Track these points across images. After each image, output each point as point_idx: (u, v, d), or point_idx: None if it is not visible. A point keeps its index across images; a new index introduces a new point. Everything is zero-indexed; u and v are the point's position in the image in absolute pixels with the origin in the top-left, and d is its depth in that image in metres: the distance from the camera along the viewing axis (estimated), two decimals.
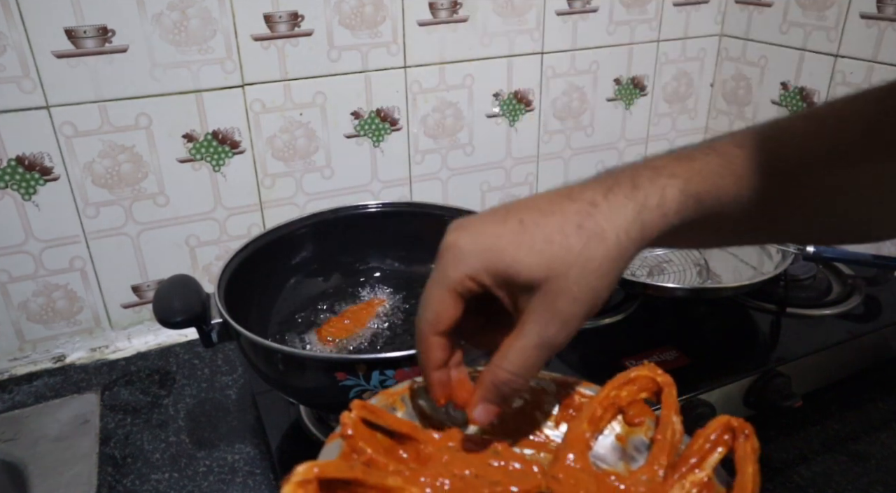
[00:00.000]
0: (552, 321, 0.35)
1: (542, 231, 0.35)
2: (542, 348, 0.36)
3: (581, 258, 0.34)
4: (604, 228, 0.35)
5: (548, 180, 1.08)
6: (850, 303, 0.82)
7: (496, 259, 0.35)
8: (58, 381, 0.79)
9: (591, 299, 0.35)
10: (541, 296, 0.35)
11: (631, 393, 0.41)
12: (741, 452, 0.36)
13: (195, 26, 0.77)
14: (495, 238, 0.35)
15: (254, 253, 0.69)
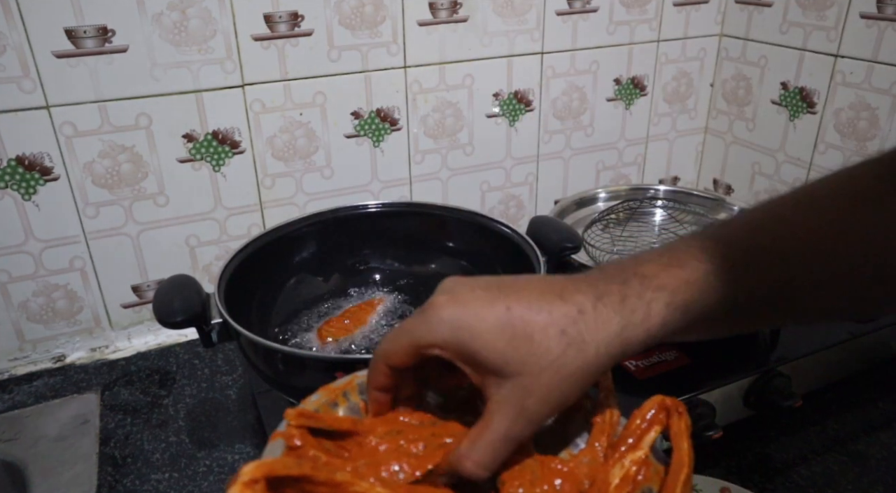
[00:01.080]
0: (520, 418, 0.35)
1: (524, 327, 0.35)
2: (508, 442, 0.36)
3: (556, 364, 0.35)
4: (585, 339, 0.35)
5: (548, 180, 1.08)
6: None
7: (469, 340, 0.35)
8: (58, 381, 0.79)
9: (559, 402, 0.36)
10: (510, 390, 0.35)
11: None
12: (675, 429, 0.37)
13: (195, 26, 0.77)
14: (477, 320, 0.35)
15: (254, 253, 0.69)
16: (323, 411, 0.40)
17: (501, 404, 0.35)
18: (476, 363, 0.36)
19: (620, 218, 0.95)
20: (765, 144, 1.09)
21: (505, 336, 0.35)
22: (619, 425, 0.40)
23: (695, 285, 0.37)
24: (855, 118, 0.94)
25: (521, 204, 1.08)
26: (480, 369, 0.36)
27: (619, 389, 0.70)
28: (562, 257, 0.69)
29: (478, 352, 0.35)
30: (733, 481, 0.59)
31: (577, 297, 0.36)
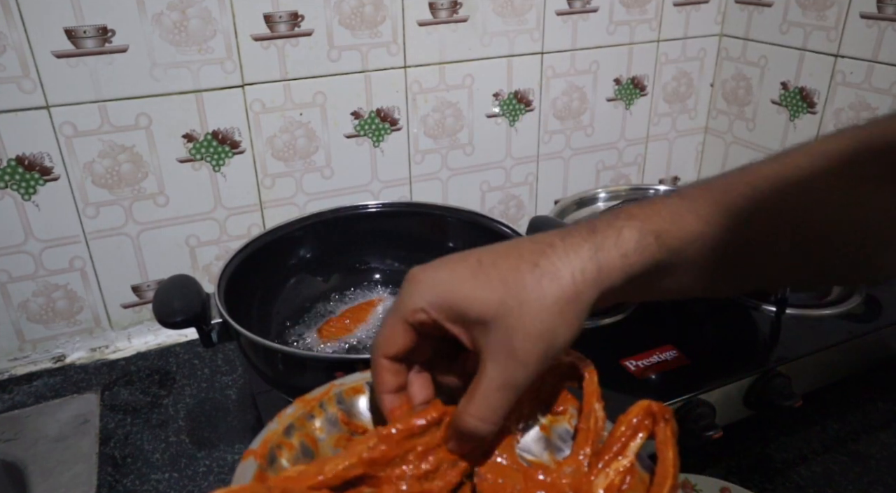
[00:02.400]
0: (510, 361, 0.35)
1: (497, 270, 0.35)
2: (505, 390, 0.35)
3: (534, 295, 0.34)
4: (558, 267, 0.35)
5: (548, 180, 1.08)
6: (850, 303, 0.81)
7: (449, 294, 0.35)
8: (58, 381, 0.79)
9: (547, 337, 0.35)
10: (495, 333, 0.35)
11: (553, 382, 0.41)
12: (661, 436, 0.36)
13: (195, 26, 0.77)
14: (451, 274, 0.36)
15: (254, 253, 0.69)
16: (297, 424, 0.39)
17: (491, 352, 0.35)
18: (461, 317, 0.36)
19: None
20: (765, 144, 1.09)
21: (480, 283, 0.35)
22: (605, 430, 0.39)
23: (667, 216, 0.36)
24: (855, 118, 0.94)
25: (521, 204, 1.08)
26: (467, 324, 0.36)
27: (618, 389, 0.70)
28: None
29: (459, 303, 0.35)
30: (733, 481, 0.59)
31: (545, 237, 0.36)
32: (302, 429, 0.39)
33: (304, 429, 0.39)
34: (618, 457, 0.37)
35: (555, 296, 0.34)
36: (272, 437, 0.38)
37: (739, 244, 0.37)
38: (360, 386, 0.42)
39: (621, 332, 0.79)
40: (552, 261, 0.35)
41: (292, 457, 0.38)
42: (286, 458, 0.38)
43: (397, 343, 0.37)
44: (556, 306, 0.34)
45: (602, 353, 0.76)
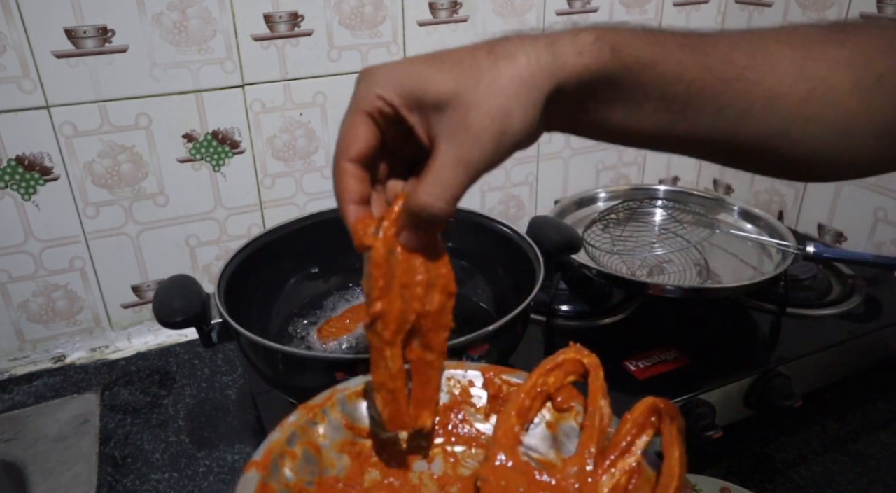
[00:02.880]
0: (465, 137, 0.34)
1: (453, 56, 0.35)
2: (458, 165, 0.35)
3: (490, 74, 0.34)
4: (513, 52, 0.35)
5: (548, 180, 1.08)
6: (850, 303, 0.82)
7: (406, 78, 0.35)
8: (58, 381, 0.79)
9: (502, 117, 0.34)
10: (451, 113, 0.35)
11: (558, 378, 0.41)
12: (667, 435, 0.36)
13: (195, 26, 0.77)
14: (408, 64, 0.36)
15: (254, 253, 0.69)
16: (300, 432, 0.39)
17: (446, 132, 0.35)
18: (418, 102, 0.35)
19: (620, 218, 0.95)
20: None
21: (436, 67, 0.35)
22: (611, 428, 0.39)
23: (626, 35, 0.36)
24: None
25: (521, 204, 1.08)
26: (424, 110, 0.36)
27: (619, 389, 0.70)
28: (562, 257, 0.69)
29: (416, 87, 0.35)
30: (733, 481, 0.59)
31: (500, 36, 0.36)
32: (304, 437, 0.39)
33: (306, 437, 0.39)
34: (624, 456, 0.37)
35: (510, 75, 0.34)
36: (274, 447, 0.38)
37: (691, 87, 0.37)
38: (363, 390, 0.42)
39: (622, 332, 0.79)
40: (507, 48, 0.35)
41: (295, 466, 0.38)
42: (289, 467, 0.38)
43: (360, 140, 0.36)
44: (511, 86, 0.34)
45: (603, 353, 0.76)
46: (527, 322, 0.61)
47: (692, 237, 0.89)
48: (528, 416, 0.41)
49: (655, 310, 0.83)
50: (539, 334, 0.78)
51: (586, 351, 0.41)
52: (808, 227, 1.04)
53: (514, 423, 0.40)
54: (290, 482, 0.38)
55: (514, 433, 0.40)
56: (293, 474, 0.38)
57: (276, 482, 0.37)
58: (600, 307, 0.82)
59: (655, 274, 0.85)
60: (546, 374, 0.41)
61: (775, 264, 0.82)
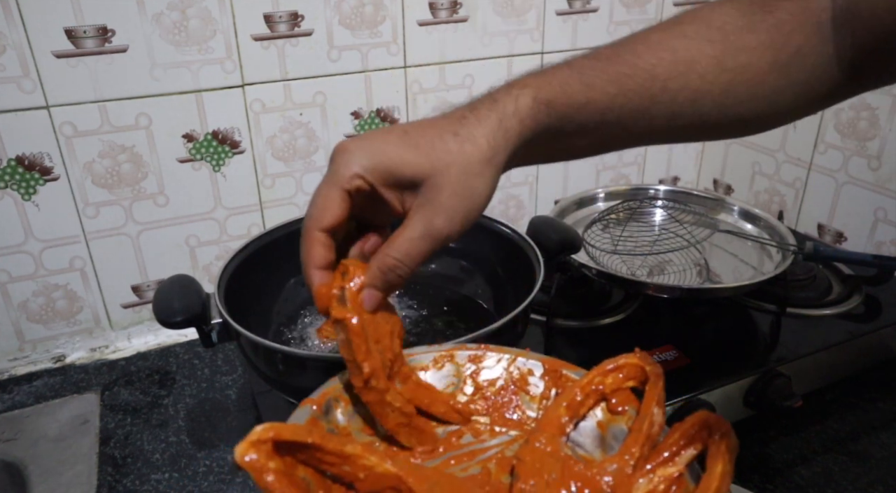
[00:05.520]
0: (437, 213, 0.39)
1: (424, 138, 0.40)
2: (427, 239, 0.40)
3: (460, 158, 0.39)
4: (474, 134, 0.40)
5: (548, 180, 1.08)
6: (850, 303, 0.82)
7: (384, 158, 0.39)
8: (58, 381, 0.79)
9: (469, 195, 0.40)
10: (425, 191, 0.39)
11: (616, 381, 0.41)
12: (713, 449, 0.36)
13: (195, 26, 0.77)
14: (383, 143, 0.40)
15: (254, 253, 0.69)
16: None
17: (419, 207, 0.40)
18: (395, 181, 0.39)
19: (620, 218, 0.95)
20: (765, 144, 1.09)
21: (410, 149, 0.39)
22: (660, 436, 0.38)
23: (557, 85, 0.41)
24: (855, 118, 0.94)
25: (521, 204, 1.08)
26: (400, 187, 0.40)
27: None
28: (562, 257, 0.69)
29: (393, 168, 0.39)
30: (733, 481, 0.59)
31: (456, 111, 0.42)
32: None
33: None
34: (666, 464, 0.37)
35: (476, 159, 0.39)
36: (331, 390, 0.41)
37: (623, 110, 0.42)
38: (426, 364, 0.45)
39: (621, 332, 0.79)
40: (468, 129, 0.40)
41: (347, 411, 0.41)
42: (341, 411, 0.40)
43: (334, 213, 0.39)
44: (477, 167, 0.39)
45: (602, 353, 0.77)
46: (527, 322, 0.61)
47: (692, 237, 0.89)
48: (579, 411, 0.41)
49: (655, 310, 0.83)
50: (539, 334, 0.78)
51: (651, 359, 0.41)
52: (808, 227, 1.04)
53: (562, 414, 0.40)
54: (341, 425, 0.40)
55: (559, 423, 0.40)
56: (345, 418, 0.40)
57: (327, 422, 0.39)
58: (600, 307, 0.82)
59: (655, 274, 0.85)
60: (605, 374, 0.41)
61: (775, 264, 0.82)
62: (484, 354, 0.46)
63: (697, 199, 0.98)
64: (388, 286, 0.41)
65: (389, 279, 0.40)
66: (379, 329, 0.42)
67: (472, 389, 0.45)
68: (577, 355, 0.75)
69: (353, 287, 0.40)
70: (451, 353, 0.46)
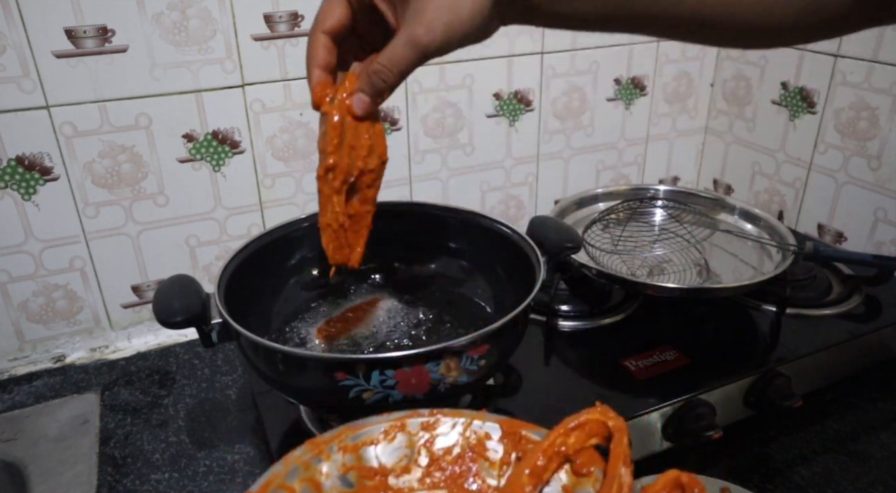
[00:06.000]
0: (418, 23, 0.42)
1: None
2: (409, 46, 0.43)
3: None
4: None
5: (548, 180, 1.08)
6: (850, 303, 0.82)
7: None
8: (58, 381, 0.79)
9: (452, 7, 0.41)
10: (412, 2, 0.42)
11: (580, 440, 0.39)
12: None
13: (195, 26, 0.77)
14: None
15: (254, 253, 0.69)
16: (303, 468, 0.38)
17: (406, 19, 0.42)
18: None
19: (620, 218, 0.95)
20: (765, 144, 1.09)
21: None
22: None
23: None
24: (855, 118, 0.94)
25: (521, 204, 1.08)
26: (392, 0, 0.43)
27: (619, 389, 0.70)
28: (562, 257, 0.68)
29: None
30: (733, 481, 0.59)
31: None
32: (306, 473, 0.39)
33: (308, 473, 0.39)
34: None
35: None
36: (274, 479, 0.38)
37: None
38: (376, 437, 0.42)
39: (621, 332, 0.79)
40: None
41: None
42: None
43: (334, 16, 0.44)
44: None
45: (602, 353, 0.77)
46: (527, 322, 0.61)
47: (692, 237, 0.89)
48: (543, 477, 0.38)
49: (655, 310, 0.83)
50: (539, 334, 0.78)
51: (612, 413, 0.39)
52: (808, 227, 1.04)
53: (525, 482, 0.38)
54: None
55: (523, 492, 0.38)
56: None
57: None
58: (600, 307, 0.82)
59: (655, 274, 0.85)
60: (567, 433, 0.39)
61: (775, 264, 0.82)
62: (437, 420, 0.43)
63: (697, 199, 0.98)
64: (375, 90, 0.46)
65: (375, 83, 0.45)
66: (359, 137, 0.48)
67: (427, 459, 0.42)
68: (578, 356, 0.75)
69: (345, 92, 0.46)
70: (401, 422, 0.43)
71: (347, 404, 0.53)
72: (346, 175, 0.50)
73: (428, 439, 0.43)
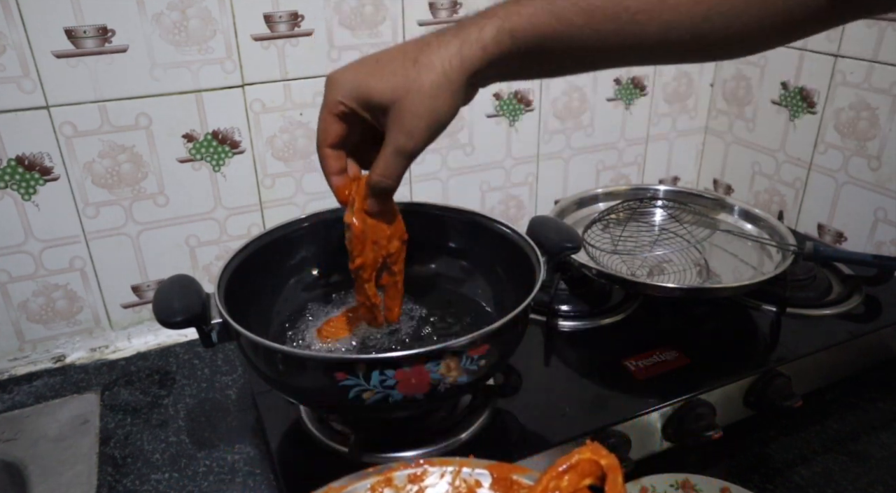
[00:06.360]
0: (401, 133, 0.47)
1: (390, 66, 0.47)
2: (397, 155, 0.49)
3: (416, 84, 0.46)
4: (432, 60, 0.46)
5: (548, 180, 1.08)
6: (850, 303, 0.82)
7: (358, 86, 0.48)
8: (58, 381, 0.79)
9: (428, 114, 0.47)
10: (392, 114, 0.47)
11: (573, 481, 0.37)
12: None
13: (195, 26, 0.77)
14: (357, 74, 0.49)
15: (254, 253, 0.69)
16: None
17: (389, 129, 0.48)
18: (368, 105, 0.48)
19: (620, 218, 0.95)
20: (765, 144, 1.09)
21: (378, 77, 0.47)
22: None
23: (525, 16, 0.45)
24: (855, 118, 0.94)
25: (521, 204, 1.08)
26: (373, 110, 0.48)
27: (619, 389, 0.70)
28: (562, 257, 0.68)
29: (365, 94, 0.48)
30: (733, 481, 0.59)
31: (425, 37, 0.47)
32: None
33: None
34: None
35: (430, 82, 0.46)
36: None
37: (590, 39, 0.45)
38: None
39: (622, 332, 0.79)
40: (427, 56, 0.46)
41: None
42: None
43: (331, 133, 0.51)
44: (432, 91, 0.46)
45: (603, 353, 0.77)
46: (527, 322, 0.61)
47: (692, 237, 0.89)
48: None
49: (655, 310, 0.83)
50: (539, 334, 0.78)
51: (604, 451, 0.37)
52: (808, 227, 1.04)
53: None
54: None
55: None
56: None
57: None
58: (600, 307, 0.82)
59: (655, 274, 0.85)
60: (559, 476, 0.37)
61: (775, 264, 0.82)
62: (424, 471, 0.43)
63: (697, 199, 0.98)
64: (381, 194, 0.53)
65: (379, 190, 0.52)
66: (378, 232, 0.56)
67: None
68: (578, 356, 0.75)
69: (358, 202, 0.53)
70: (387, 477, 0.43)
71: (347, 405, 0.53)
72: (372, 268, 0.58)
73: (416, 492, 0.43)
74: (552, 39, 0.45)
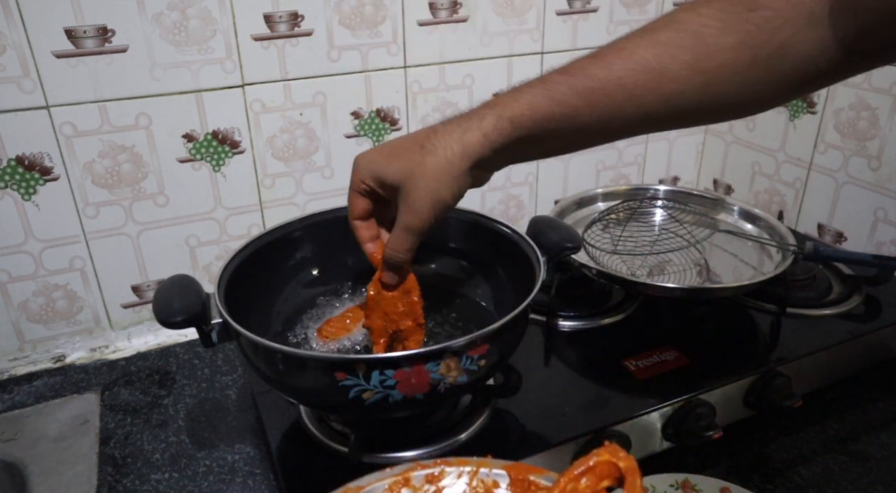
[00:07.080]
0: (408, 212, 0.52)
1: (402, 151, 0.52)
2: (406, 232, 0.53)
3: (420, 167, 0.50)
4: (436, 145, 0.50)
5: (548, 180, 1.08)
6: (850, 303, 0.82)
7: (375, 169, 0.53)
8: (58, 381, 0.79)
9: (433, 196, 0.51)
10: (401, 195, 0.52)
11: (591, 483, 0.37)
12: None
13: (195, 26, 0.77)
14: (377, 156, 0.54)
15: (254, 253, 0.69)
16: None
17: (400, 207, 0.53)
18: (384, 184, 0.53)
19: (620, 218, 0.95)
20: (765, 144, 1.09)
21: (392, 160, 0.52)
22: None
23: (525, 103, 0.48)
24: (855, 118, 0.94)
25: (521, 204, 1.08)
26: (388, 189, 0.53)
27: (619, 389, 0.70)
28: (562, 257, 0.68)
29: (381, 175, 0.53)
30: (733, 481, 0.59)
31: (434, 126, 0.52)
32: None
33: None
34: None
35: (433, 166, 0.50)
36: None
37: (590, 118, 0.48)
38: None
39: (622, 332, 0.79)
40: (432, 142, 0.50)
41: None
42: None
43: (358, 207, 0.56)
44: (433, 174, 0.50)
45: (603, 353, 0.77)
46: (527, 322, 0.61)
47: (692, 237, 0.89)
48: None
49: (655, 310, 0.83)
50: (539, 334, 0.78)
51: (623, 453, 0.37)
52: (808, 227, 1.04)
53: None
54: None
55: None
56: None
57: None
58: (600, 307, 0.82)
59: (655, 274, 0.85)
60: (577, 478, 0.37)
61: (775, 264, 0.82)
62: (442, 471, 0.43)
63: (697, 199, 0.98)
64: (395, 268, 0.57)
65: (391, 263, 0.56)
66: (391, 306, 0.59)
67: None
68: (578, 356, 0.75)
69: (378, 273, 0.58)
70: (405, 476, 0.43)
71: (347, 405, 0.53)
72: (379, 334, 0.61)
73: (434, 492, 0.43)
74: (553, 122, 0.48)
